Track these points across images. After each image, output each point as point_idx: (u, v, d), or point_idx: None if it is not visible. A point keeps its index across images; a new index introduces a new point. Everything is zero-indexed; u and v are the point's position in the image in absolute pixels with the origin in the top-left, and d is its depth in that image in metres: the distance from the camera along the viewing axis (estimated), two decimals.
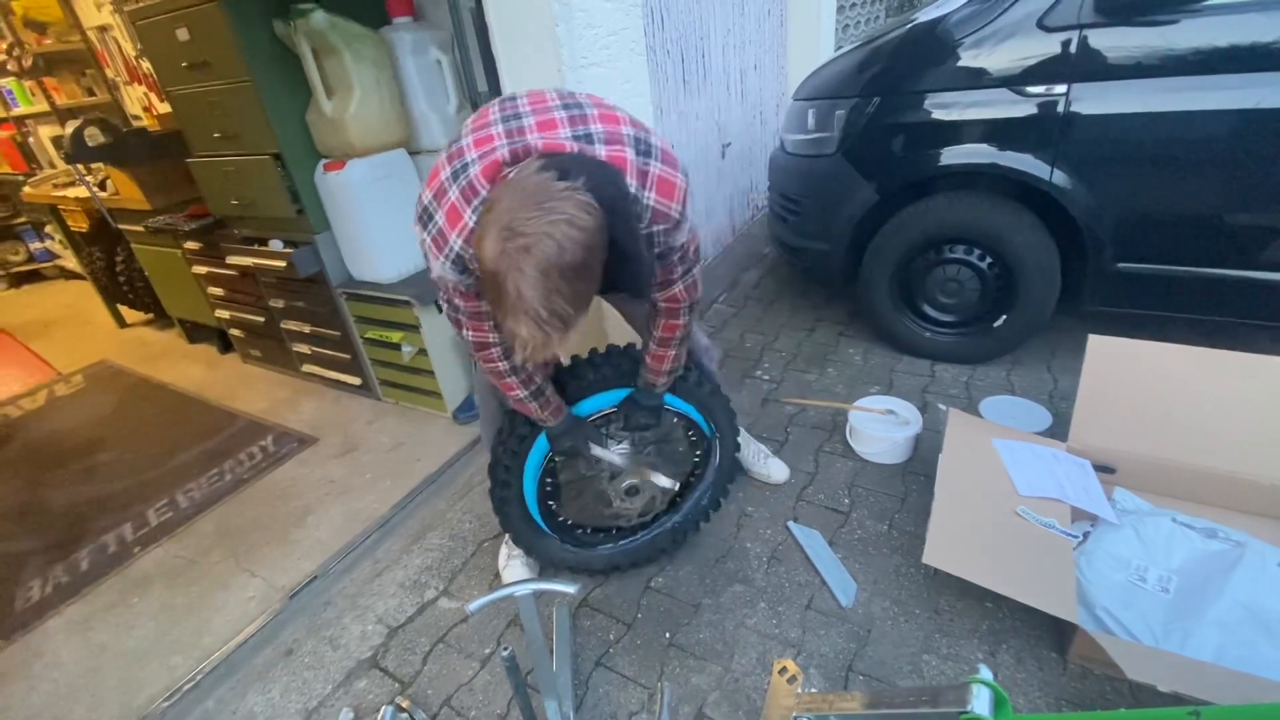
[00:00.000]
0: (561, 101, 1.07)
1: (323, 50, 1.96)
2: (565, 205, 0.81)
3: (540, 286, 0.80)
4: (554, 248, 0.79)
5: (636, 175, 1.01)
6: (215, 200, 2.47)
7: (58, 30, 3.68)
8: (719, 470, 1.66)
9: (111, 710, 1.53)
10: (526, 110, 1.05)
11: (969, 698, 0.60)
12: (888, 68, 2.09)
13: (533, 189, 0.83)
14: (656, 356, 1.35)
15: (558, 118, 1.02)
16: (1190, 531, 1.43)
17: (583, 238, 0.82)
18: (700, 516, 1.70)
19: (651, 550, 1.67)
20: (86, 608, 1.84)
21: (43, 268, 5.18)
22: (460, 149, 1.02)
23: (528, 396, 1.31)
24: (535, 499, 1.57)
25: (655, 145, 1.04)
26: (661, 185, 1.02)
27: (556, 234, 0.80)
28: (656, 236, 1.07)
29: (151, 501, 2.24)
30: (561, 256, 0.80)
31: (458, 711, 1.41)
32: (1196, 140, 1.73)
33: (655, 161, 1.02)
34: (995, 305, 2.20)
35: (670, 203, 1.04)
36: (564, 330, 0.85)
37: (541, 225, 0.79)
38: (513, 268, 0.80)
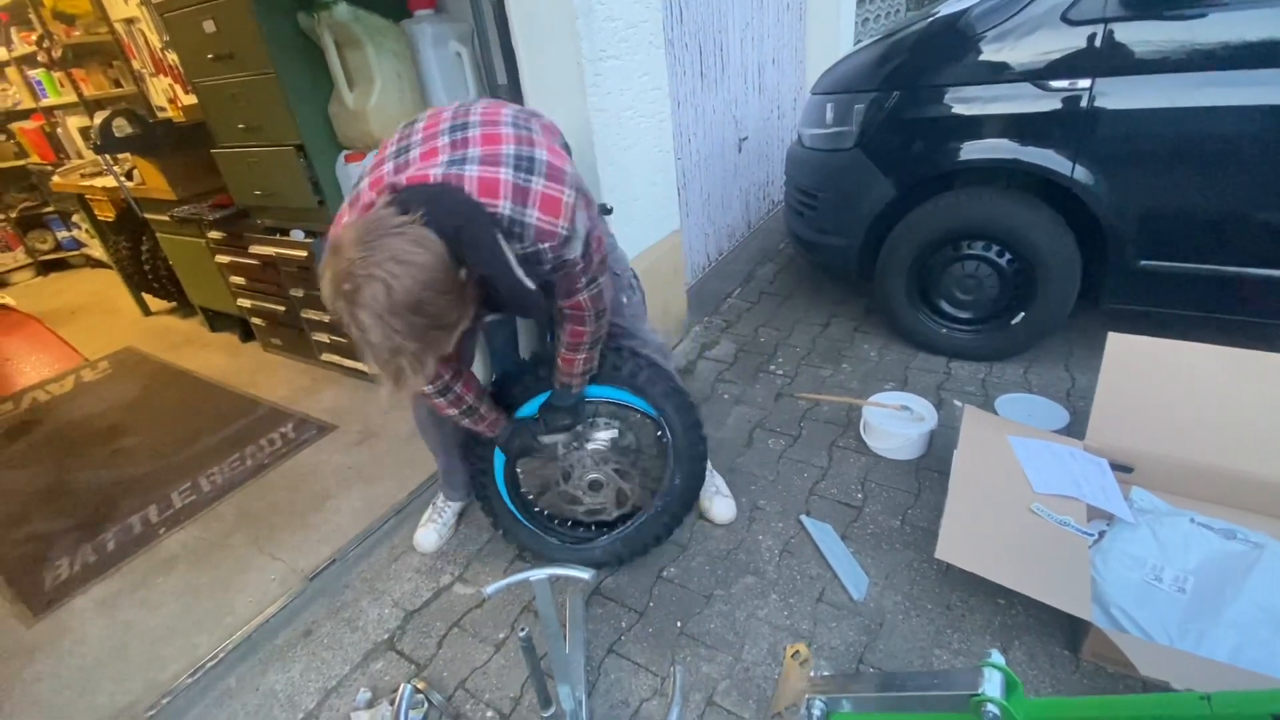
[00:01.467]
0: (453, 122, 1.05)
1: (345, 42, 1.99)
2: (394, 243, 0.81)
3: (376, 327, 0.81)
4: (381, 289, 0.79)
5: (513, 194, 0.97)
6: (238, 190, 2.51)
7: (86, 22, 3.75)
8: (678, 451, 1.60)
9: (137, 685, 1.57)
10: (417, 139, 1.05)
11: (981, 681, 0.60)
12: (908, 61, 2.08)
13: (363, 229, 0.83)
14: (566, 359, 1.37)
15: (439, 145, 1.01)
16: (1208, 532, 1.42)
17: (413, 272, 0.81)
18: (681, 502, 1.65)
19: (645, 540, 1.65)
20: (113, 586, 1.89)
21: (69, 256, 5.29)
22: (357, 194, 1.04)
23: (460, 415, 1.37)
24: (512, 501, 1.67)
25: (540, 160, 1.00)
26: (544, 202, 0.99)
27: (380, 274, 0.79)
28: (544, 254, 1.04)
29: (175, 485, 2.29)
30: (391, 296, 0.80)
31: (472, 694, 1.43)
32: (1223, 136, 1.71)
33: (538, 178, 0.99)
34: (1013, 302, 2.18)
35: (555, 219, 1.01)
36: (414, 363, 0.86)
37: (367, 267, 0.79)
38: (345, 312, 0.82)
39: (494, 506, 1.69)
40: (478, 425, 1.43)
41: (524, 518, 1.70)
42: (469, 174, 0.95)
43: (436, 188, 0.93)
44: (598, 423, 1.61)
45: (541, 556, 1.70)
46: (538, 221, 0.99)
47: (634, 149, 2.17)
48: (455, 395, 1.33)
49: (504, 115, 1.07)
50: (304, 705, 1.46)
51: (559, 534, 1.71)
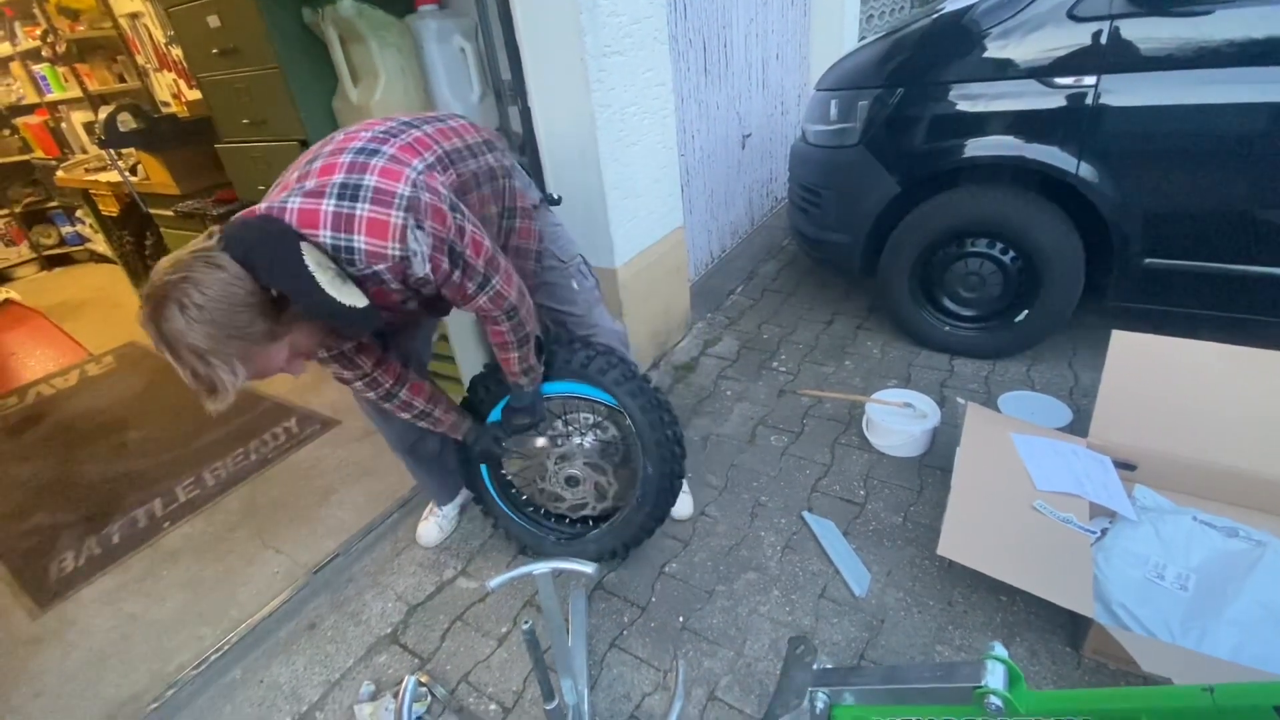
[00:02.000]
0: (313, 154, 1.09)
1: (349, 37, 1.99)
2: (190, 266, 0.90)
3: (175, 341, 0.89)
4: (174, 307, 0.88)
5: (333, 223, 0.99)
6: (243, 185, 2.51)
7: (90, 17, 3.75)
8: (643, 437, 1.54)
9: (142, 677, 1.58)
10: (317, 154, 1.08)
11: (983, 673, 0.61)
12: (912, 58, 2.07)
13: (172, 258, 0.93)
14: (503, 360, 1.38)
15: (289, 180, 1.05)
16: (1211, 530, 1.42)
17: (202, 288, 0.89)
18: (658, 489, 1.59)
19: (634, 531, 1.62)
20: (118, 579, 1.90)
21: (73, 251, 5.30)
22: None
23: (414, 417, 1.44)
24: (501, 499, 1.71)
25: (367, 186, 1.01)
26: (370, 226, 1.00)
27: (173, 293, 0.88)
28: (383, 274, 1.04)
29: (180, 479, 2.30)
30: (183, 311, 0.88)
31: (475, 687, 1.44)
32: (1229, 134, 1.70)
33: (362, 204, 1.01)
34: (1017, 300, 2.18)
35: (384, 242, 1.01)
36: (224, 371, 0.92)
37: (162, 289, 0.89)
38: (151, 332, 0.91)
39: (486, 503, 1.71)
40: (436, 428, 1.50)
41: (515, 514, 1.72)
42: (290, 206, 1.00)
43: (249, 221, 0.99)
44: (567, 419, 1.61)
45: (538, 552, 1.72)
46: (366, 245, 1.01)
47: (637, 145, 2.17)
48: (401, 401, 1.40)
49: (354, 143, 1.08)
50: (308, 698, 1.47)
51: (552, 529, 1.72)
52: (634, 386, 1.51)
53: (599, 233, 2.14)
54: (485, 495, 1.70)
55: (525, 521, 1.72)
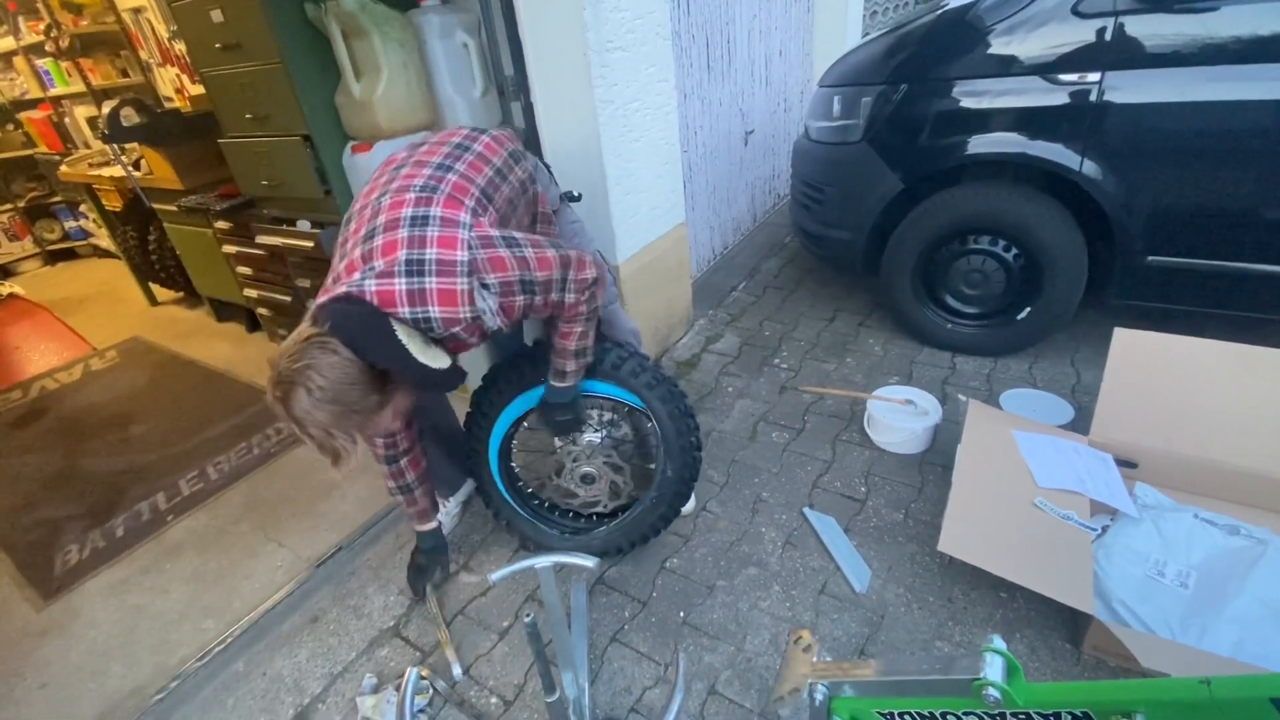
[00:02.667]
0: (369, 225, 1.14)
1: (352, 32, 1.99)
2: (309, 352, 0.99)
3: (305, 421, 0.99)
4: (302, 391, 0.98)
5: (408, 299, 1.09)
6: (245, 180, 2.52)
7: (93, 12, 3.75)
8: (667, 441, 1.56)
9: (146, 668, 1.59)
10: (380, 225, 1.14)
11: (982, 665, 0.61)
12: (916, 54, 2.06)
13: (288, 344, 1.02)
14: (564, 333, 1.37)
15: (356, 258, 1.13)
16: (1212, 528, 1.42)
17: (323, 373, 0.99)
18: (675, 492, 1.61)
19: (643, 530, 1.64)
20: (122, 572, 1.91)
21: (77, 246, 5.32)
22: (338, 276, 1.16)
23: (396, 488, 1.51)
24: (509, 493, 1.71)
25: (430, 260, 1.10)
26: (441, 296, 1.11)
27: (299, 380, 0.98)
28: (459, 334, 1.17)
29: (183, 472, 2.31)
30: (310, 395, 0.98)
31: (476, 680, 1.45)
32: (1233, 131, 1.69)
33: (430, 278, 1.10)
34: (1019, 297, 2.18)
35: (455, 308, 1.12)
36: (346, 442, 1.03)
37: (288, 375, 0.98)
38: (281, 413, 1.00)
39: (492, 498, 1.71)
40: (408, 507, 1.55)
41: (522, 509, 1.72)
42: (368, 289, 1.09)
43: (343, 303, 1.07)
44: (590, 416, 1.61)
45: (542, 547, 1.72)
46: (440, 314, 1.11)
47: (640, 141, 2.16)
48: (398, 468, 1.48)
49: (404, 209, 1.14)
50: (310, 690, 1.48)
51: (558, 525, 1.73)
52: (664, 391, 1.53)
53: (601, 228, 2.14)
54: (491, 488, 1.70)
55: (531, 516, 1.72)
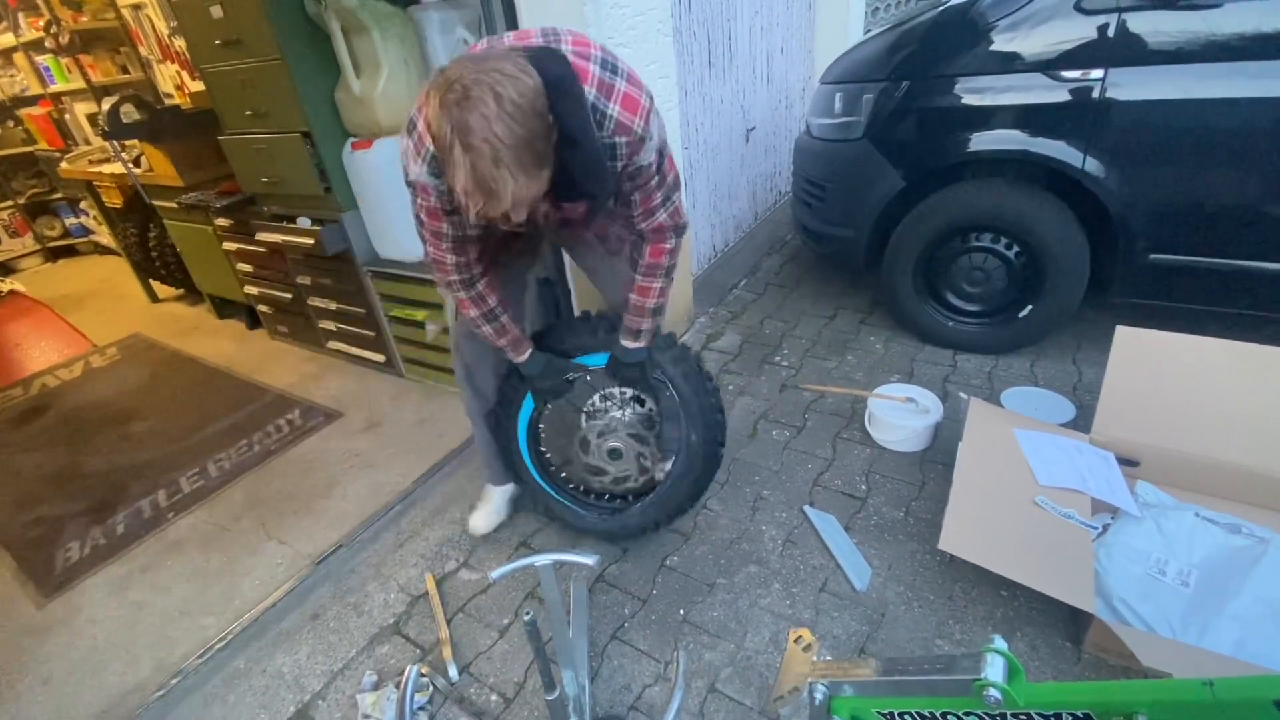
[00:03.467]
0: (544, 31, 1.13)
1: (352, 29, 1.99)
2: (501, 63, 0.88)
3: (480, 129, 0.85)
4: (489, 93, 0.85)
5: (599, 86, 1.06)
6: (245, 177, 2.51)
7: (93, 8, 3.75)
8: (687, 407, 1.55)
9: (147, 665, 1.59)
10: (508, 38, 1.13)
11: (983, 665, 0.61)
12: (918, 51, 2.06)
13: (478, 57, 0.90)
14: (642, 289, 1.35)
15: (531, 31, 1.11)
16: (1213, 526, 1.42)
17: (518, 86, 0.87)
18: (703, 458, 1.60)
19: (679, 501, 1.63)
20: (122, 569, 1.91)
21: (78, 243, 5.31)
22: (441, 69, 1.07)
23: (481, 317, 1.37)
24: (542, 478, 1.69)
25: (622, 67, 1.10)
26: (626, 100, 1.08)
27: (488, 80, 0.85)
28: (620, 149, 1.11)
29: (184, 470, 2.31)
30: (499, 101, 0.85)
31: (476, 678, 1.45)
32: (1237, 129, 1.69)
33: (620, 79, 1.08)
34: (1021, 295, 2.17)
35: (633, 116, 1.09)
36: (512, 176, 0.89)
37: (475, 74, 0.86)
38: (450, 120, 0.86)
39: (527, 485, 1.70)
40: (500, 338, 1.41)
41: (557, 493, 1.71)
42: (565, 52, 1.03)
43: (554, 52, 1.01)
44: (606, 393, 1.59)
45: (580, 529, 1.72)
46: (619, 115, 1.07)
47: None
48: (477, 293, 1.34)
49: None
50: (311, 687, 1.48)
51: (594, 507, 1.72)
52: (676, 353, 1.52)
53: None
54: (525, 475, 1.69)
55: (568, 500, 1.71)
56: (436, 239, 1.25)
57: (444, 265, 1.29)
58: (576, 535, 1.79)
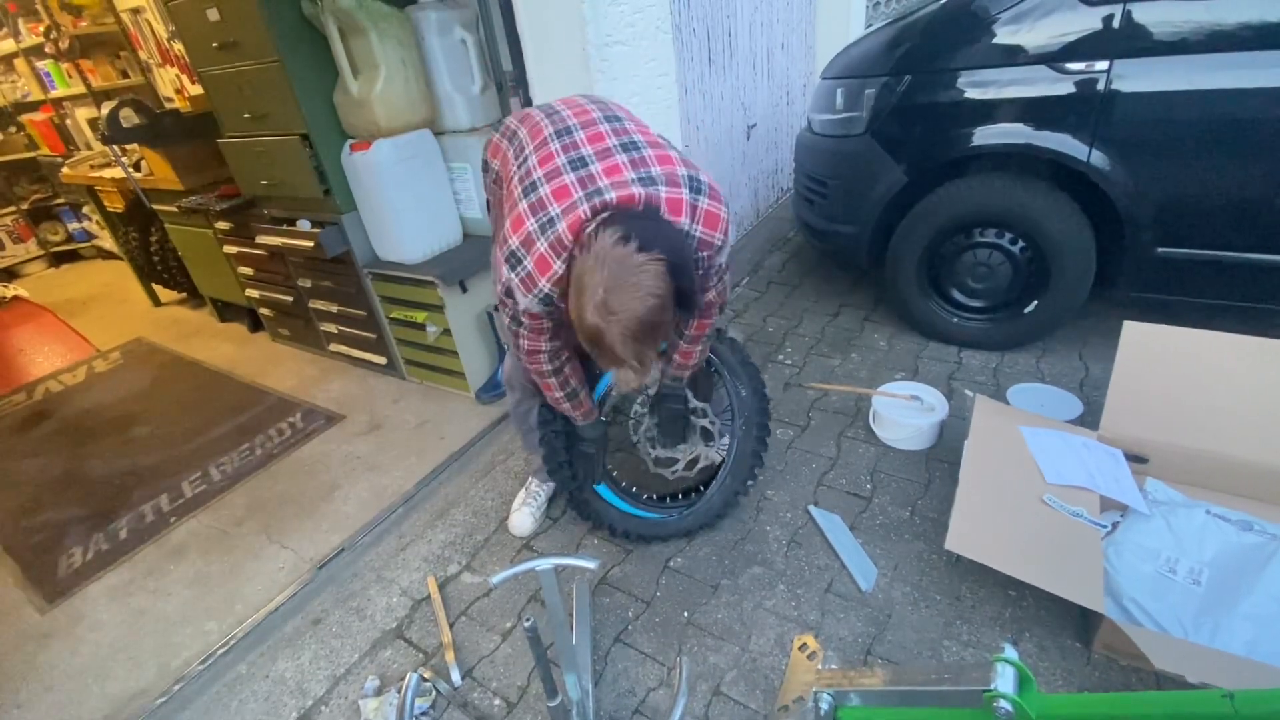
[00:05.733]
0: (616, 139, 1.21)
1: (349, 30, 1.97)
2: (646, 280, 1.00)
3: (632, 345, 1.03)
4: (639, 321, 1.01)
5: (688, 211, 1.16)
6: (245, 180, 2.51)
7: (93, 13, 3.74)
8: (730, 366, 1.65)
9: (149, 671, 1.59)
10: (589, 154, 1.19)
11: (993, 676, 0.59)
12: (920, 45, 2.03)
13: (617, 267, 1.01)
14: (685, 353, 1.49)
15: (620, 162, 1.17)
16: (1224, 524, 1.39)
17: (659, 303, 1.01)
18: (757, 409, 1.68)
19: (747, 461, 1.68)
20: (125, 574, 1.91)
21: (81, 248, 5.33)
22: (541, 200, 1.16)
23: (564, 397, 1.47)
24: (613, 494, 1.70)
25: (704, 182, 1.18)
26: (708, 218, 1.18)
27: (641, 310, 1.00)
28: (701, 261, 1.22)
29: (186, 474, 2.31)
30: (647, 320, 1.01)
31: (479, 682, 1.44)
32: (1245, 120, 1.66)
33: (703, 197, 1.17)
34: (1026, 290, 2.15)
35: (714, 233, 1.19)
36: (648, 368, 1.10)
37: (630, 301, 1.00)
38: (611, 334, 1.01)
39: (596, 509, 1.68)
40: (575, 409, 1.51)
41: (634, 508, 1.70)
42: (662, 195, 1.13)
43: (659, 226, 1.10)
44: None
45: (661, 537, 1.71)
46: (701, 234, 1.18)
47: None
48: (564, 377, 1.45)
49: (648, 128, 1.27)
50: (313, 692, 1.47)
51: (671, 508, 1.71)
52: (746, 365, 1.63)
53: None
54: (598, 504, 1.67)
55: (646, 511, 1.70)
56: (537, 335, 1.32)
57: (539, 355, 1.37)
58: (582, 536, 1.78)
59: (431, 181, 2.26)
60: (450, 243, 2.38)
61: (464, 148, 2.25)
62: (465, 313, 2.34)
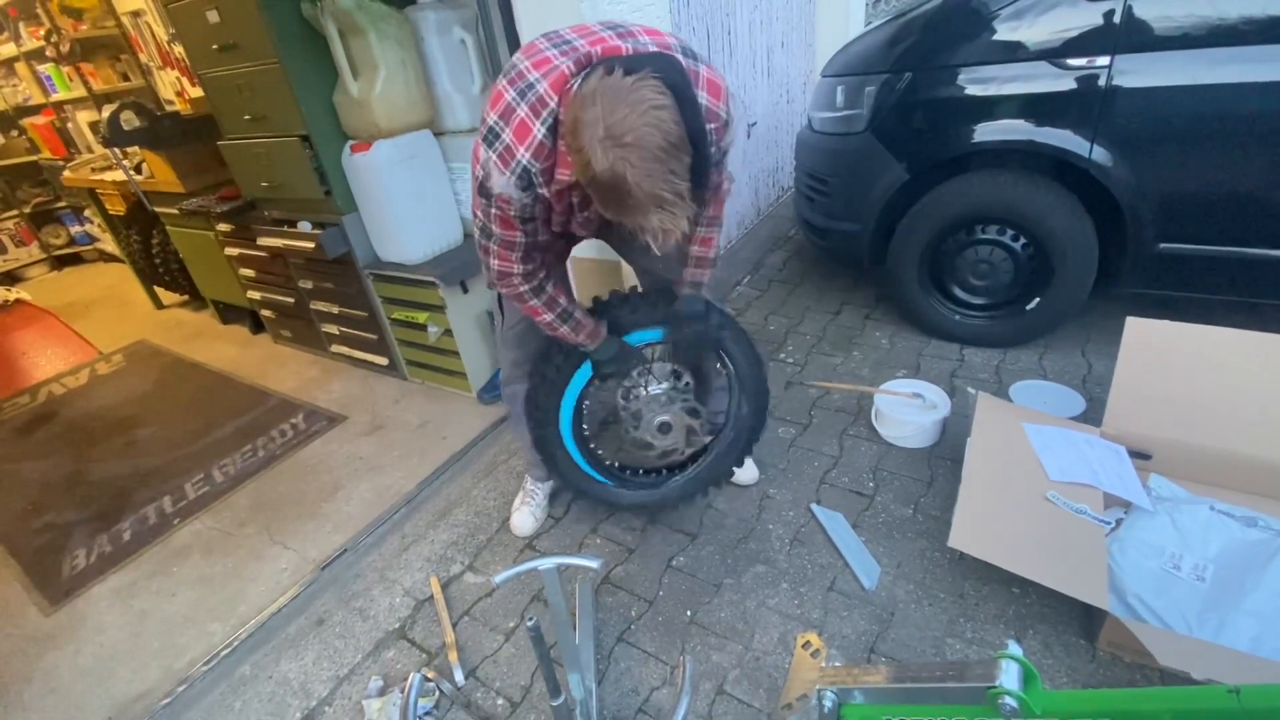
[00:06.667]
0: (605, 25, 1.12)
1: (349, 31, 1.97)
2: (645, 93, 0.90)
3: (657, 173, 0.90)
4: (656, 134, 0.89)
5: (703, 85, 1.07)
6: (246, 182, 2.51)
7: (93, 16, 3.75)
8: (742, 380, 1.60)
9: (153, 673, 1.59)
10: (573, 36, 1.10)
11: (997, 672, 0.59)
12: (920, 42, 2.03)
13: (611, 92, 0.90)
14: (705, 240, 1.38)
15: (605, 35, 1.07)
16: (1229, 520, 1.39)
17: (670, 115, 0.90)
18: (750, 429, 1.66)
19: (682, 494, 1.68)
20: (129, 576, 1.91)
21: (83, 251, 5.33)
22: (520, 72, 1.07)
23: (556, 319, 1.36)
24: (574, 440, 1.64)
25: (698, 53, 1.10)
26: (710, 86, 1.09)
27: (650, 120, 0.88)
28: (711, 135, 1.10)
29: (189, 476, 2.31)
30: (666, 138, 0.90)
31: (483, 682, 1.44)
32: (1247, 114, 1.66)
33: (701, 64, 1.08)
34: (1028, 287, 2.15)
35: (718, 102, 1.10)
36: (684, 203, 0.94)
37: (635, 120, 0.88)
38: (627, 167, 0.89)
39: (563, 469, 1.66)
40: (577, 333, 1.39)
41: (595, 471, 1.69)
42: (651, 49, 1.04)
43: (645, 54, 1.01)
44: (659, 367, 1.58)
45: (618, 506, 1.71)
46: (706, 103, 1.07)
47: None
48: (549, 296, 1.33)
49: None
50: (317, 693, 1.47)
51: (631, 482, 1.71)
52: (736, 332, 1.54)
53: None
54: (560, 453, 1.63)
55: (603, 477, 1.69)
56: (507, 250, 1.22)
57: (511, 277, 1.28)
58: (584, 536, 1.78)
59: (432, 182, 2.26)
60: (451, 243, 2.38)
61: (464, 148, 2.25)
62: (466, 313, 2.34)
